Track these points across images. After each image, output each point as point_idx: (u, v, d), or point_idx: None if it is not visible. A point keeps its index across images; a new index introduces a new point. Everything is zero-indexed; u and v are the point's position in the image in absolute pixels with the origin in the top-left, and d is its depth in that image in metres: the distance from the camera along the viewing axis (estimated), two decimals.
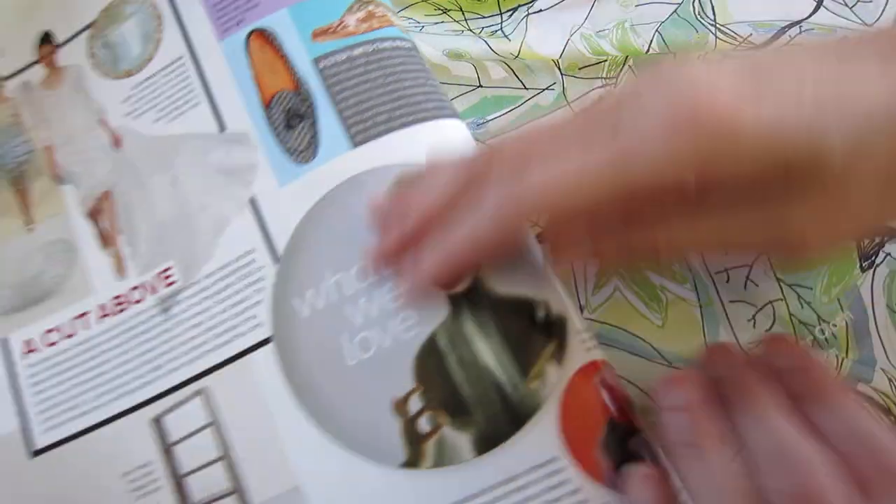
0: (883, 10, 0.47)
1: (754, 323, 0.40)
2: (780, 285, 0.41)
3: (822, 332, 0.40)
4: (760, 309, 0.41)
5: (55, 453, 0.41)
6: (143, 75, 0.46)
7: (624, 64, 0.48)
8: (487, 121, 0.47)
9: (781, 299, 0.41)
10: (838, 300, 0.40)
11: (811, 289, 0.41)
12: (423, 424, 0.35)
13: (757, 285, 0.41)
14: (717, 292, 0.41)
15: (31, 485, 0.41)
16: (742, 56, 0.33)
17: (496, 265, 0.37)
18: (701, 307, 0.41)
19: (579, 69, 0.48)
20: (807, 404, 0.30)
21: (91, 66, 0.48)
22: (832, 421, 0.29)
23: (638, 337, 0.41)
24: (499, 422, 0.34)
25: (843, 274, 0.41)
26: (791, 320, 0.40)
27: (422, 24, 0.51)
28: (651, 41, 0.47)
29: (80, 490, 0.40)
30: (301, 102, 0.41)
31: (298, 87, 0.42)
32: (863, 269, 0.41)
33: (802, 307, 0.40)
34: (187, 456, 0.39)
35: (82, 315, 0.43)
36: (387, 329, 0.36)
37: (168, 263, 0.42)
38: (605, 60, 0.48)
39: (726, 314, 0.41)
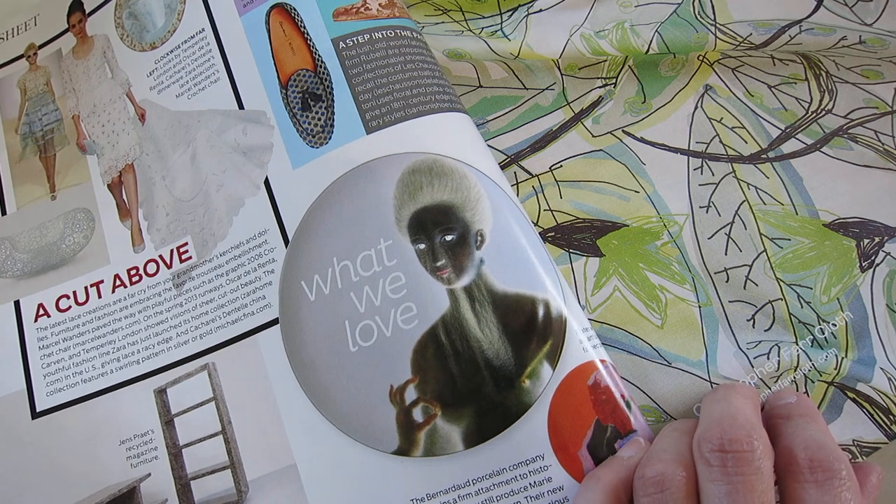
0: (883, 10, 0.46)
1: (753, 323, 0.40)
2: (779, 285, 0.41)
3: (822, 331, 0.39)
4: (760, 309, 0.40)
5: (56, 416, 0.42)
6: (167, 48, 0.47)
7: (624, 64, 0.48)
8: (487, 121, 0.47)
9: (781, 299, 0.40)
10: (838, 300, 0.40)
11: (811, 288, 0.40)
12: (418, 414, 0.35)
13: (757, 285, 0.41)
14: (717, 292, 0.41)
15: (30, 445, 0.42)
16: None
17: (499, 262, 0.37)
18: (700, 307, 0.41)
19: (579, 69, 0.48)
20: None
21: (119, 38, 0.49)
22: (791, 429, 0.33)
23: (637, 337, 0.41)
24: (490, 417, 0.34)
25: (842, 273, 0.41)
26: (791, 320, 0.40)
27: (422, 25, 0.50)
28: (651, 41, 0.46)
29: (77, 453, 0.41)
30: (319, 84, 0.41)
31: (317, 68, 0.42)
32: (863, 269, 0.40)
33: (802, 307, 0.40)
34: (187, 428, 0.40)
35: (96, 284, 0.44)
36: (388, 319, 0.37)
37: (184, 239, 0.43)
38: (605, 60, 0.48)
39: (725, 314, 0.41)
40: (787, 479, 0.31)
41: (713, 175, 0.44)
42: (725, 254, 0.42)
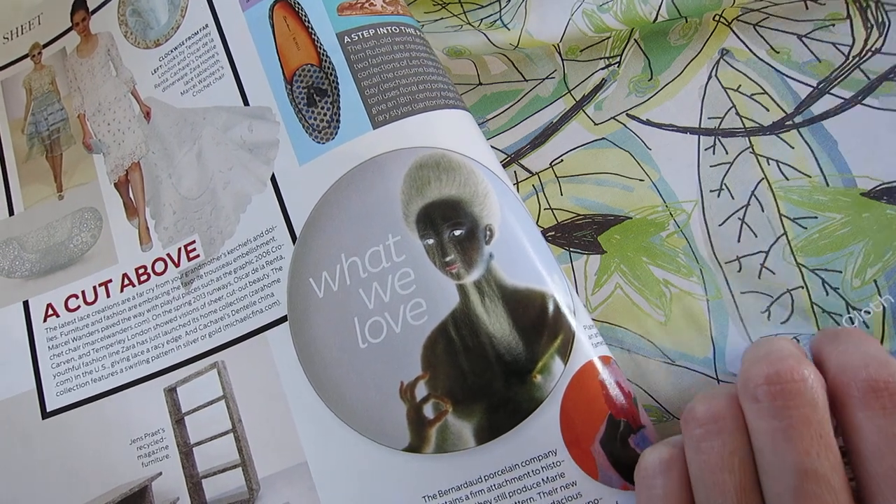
0: None
1: (769, 315, 0.37)
2: (800, 271, 0.37)
3: (851, 320, 0.36)
4: (777, 299, 0.38)
5: (67, 416, 0.42)
6: (171, 45, 0.46)
7: (629, 38, 0.45)
8: (487, 119, 0.47)
9: (802, 287, 0.37)
10: (875, 282, 0.36)
11: (840, 272, 0.37)
12: (428, 411, 0.35)
13: (774, 273, 0.38)
14: (728, 283, 0.39)
15: (41, 445, 0.42)
16: None
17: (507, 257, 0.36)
18: (708, 301, 0.39)
19: (581, 51, 0.46)
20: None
21: (122, 35, 0.49)
22: (843, 348, 0.29)
23: (639, 335, 0.39)
24: (502, 413, 0.34)
25: (883, 250, 0.36)
26: (812, 309, 0.37)
27: (422, 23, 0.49)
28: (660, 6, 0.42)
29: (88, 453, 0.41)
30: (324, 78, 0.41)
31: (322, 62, 0.41)
32: None
33: (828, 294, 0.37)
34: (198, 427, 0.40)
35: (105, 283, 0.44)
36: (397, 315, 0.36)
37: (192, 237, 0.43)
38: (609, 37, 0.45)
39: (737, 307, 0.38)
40: (845, 405, 0.27)
41: (727, 153, 0.41)
42: (738, 241, 0.39)
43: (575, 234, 0.43)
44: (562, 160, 0.44)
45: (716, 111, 0.42)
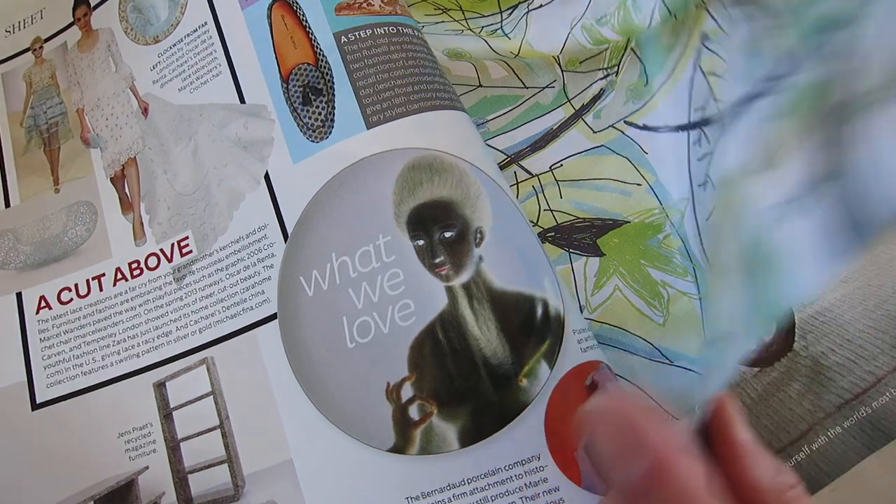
0: None
1: None
2: None
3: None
4: None
5: (56, 408, 0.42)
6: (170, 41, 0.47)
7: (626, 48, 0.46)
8: (487, 120, 0.47)
9: None
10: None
11: None
12: (414, 412, 0.35)
13: None
14: None
15: (29, 436, 0.42)
16: None
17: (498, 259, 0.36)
18: (700, 299, 0.40)
19: (580, 63, 0.47)
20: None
21: (123, 31, 0.49)
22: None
23: (638, 336, 0.40)
24: (486, 416, 0.34)
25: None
26: None
27: (422, 25, 0.50)
28: (653, 12, 0.44)
29: (76, 445, 0.41)
30: (320, 78, 0.41)
31: (318, 62, 0.41)
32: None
33: None
34: (186, 422, 0.40)
35: (98, 277, 0.44)
36: (386, 315, 0.36)
37: (185, 233, 0.43)
38: (607, 49, 0.46)
39: None
40: None
41: (709, 143, 0.42)
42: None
43: (574, 236, 0.43)
44: (561, 165, 0.45)
45: (700, 102, 0.43)
